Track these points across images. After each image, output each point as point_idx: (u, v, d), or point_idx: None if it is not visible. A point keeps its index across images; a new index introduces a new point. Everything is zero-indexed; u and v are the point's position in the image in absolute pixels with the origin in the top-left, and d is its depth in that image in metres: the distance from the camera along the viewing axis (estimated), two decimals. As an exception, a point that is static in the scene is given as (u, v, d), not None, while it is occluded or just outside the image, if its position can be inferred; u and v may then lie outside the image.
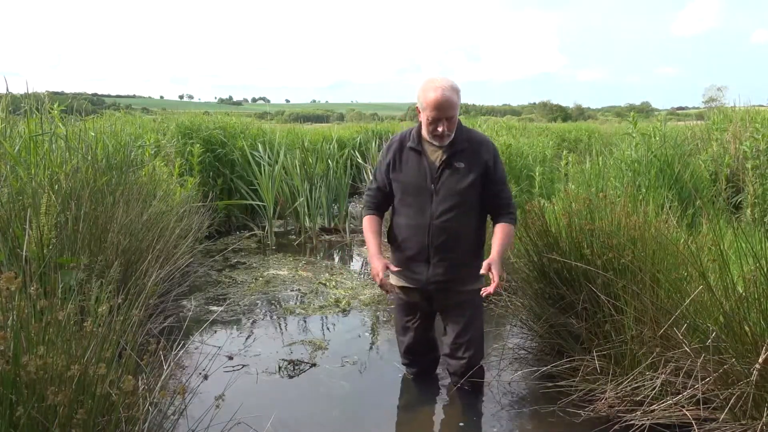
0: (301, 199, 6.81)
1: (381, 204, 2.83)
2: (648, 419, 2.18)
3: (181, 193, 5.14)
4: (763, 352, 1.92)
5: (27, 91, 3.83)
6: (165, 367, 1.99)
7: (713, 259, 2.27)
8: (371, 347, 3.43)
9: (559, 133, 13.94)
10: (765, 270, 2.03)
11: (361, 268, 5.33)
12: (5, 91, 3.74)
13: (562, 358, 2.68)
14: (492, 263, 2.46)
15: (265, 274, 5.01)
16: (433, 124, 2.54)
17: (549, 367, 2.67)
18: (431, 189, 2.59)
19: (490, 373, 2.85)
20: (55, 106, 4.39)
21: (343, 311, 4.05)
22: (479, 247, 2.71)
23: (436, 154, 2.62)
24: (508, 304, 3.37)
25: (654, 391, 2.23)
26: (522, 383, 2.86)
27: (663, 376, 2.21)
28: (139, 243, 3.32)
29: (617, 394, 2.39)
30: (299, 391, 2.85)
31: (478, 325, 2.71)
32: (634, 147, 5.16)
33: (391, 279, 2.84)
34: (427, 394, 2.85)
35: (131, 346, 1.83)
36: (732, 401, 1.99)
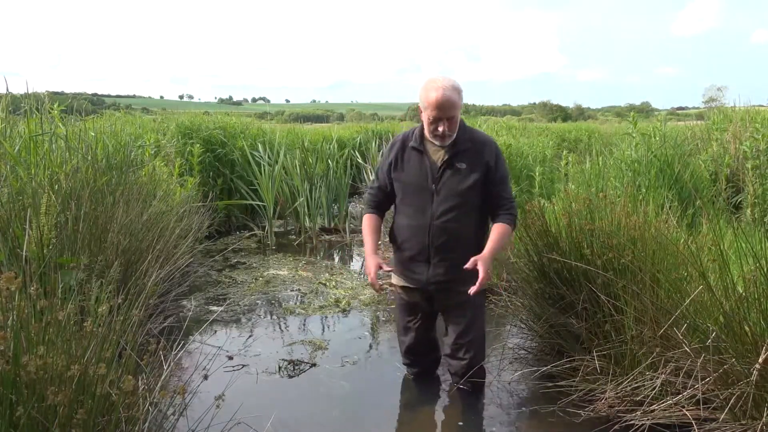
0: (301, 199, 6.81)
1: (381, 203, 2.83)
2: (648, 419, 2.18)
3: (181, 193, 5.14)
4: (763, 352, 1.92)
5: (27, 91, 3.83)
6: (165, 367, 1.99)
7: (713, 259, 2.27)
8: (371, 347, 3.43)
9: (559, 133, 13.93)
10: (765, 270, 2.03)
11: (361, 268, 5.32)
12: (5, 91, 3.74)
13: (562, 358, 2.68)
14: (480, 259, 2.45)
15: (265, 274, 5.01)
16: (434, 123, 2.53)
17: (549, 367, 2.67)
18: (432, 189, 2.58)
19: (490, 373, 2.85)
20: (55, 106, 4.39)
21: (343, 311, 4.05)
22: (480, 248, 2.67)
23: (438, 154, 2.61)
24: (508, 304, 3.37)
25: (654, 391, 2.23)
26: (522, 383, 2.86)
27: (663, 376, 2.20)
28: (139, 243, 3.32)
29: (617, 394, 2.39)
30: (299, 391, 2.85)
31: (479, 326, 2.71)
32: (634, 147, 5.15)
33: (393, 279, 2.84)
34: (428, 394, 2.85)
35: (131, 346, 1.83)
36: (732, 401, 1.99)
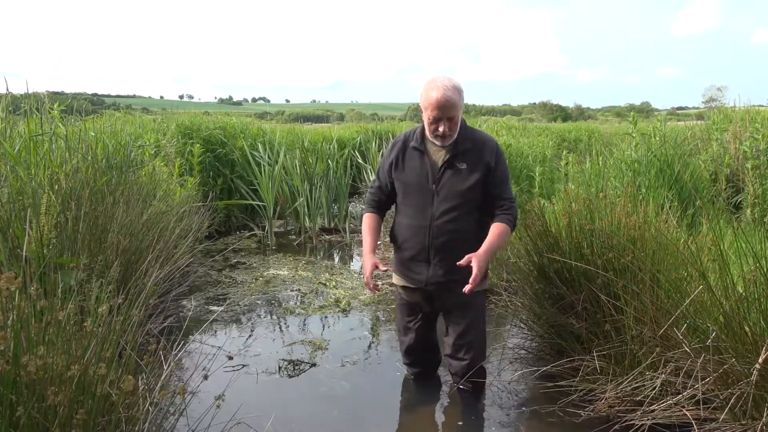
0: (301, 199, 6.81)
1: (381, 203, 2.83)
2: (648, 419, 2.18)
3: (181, 193, 5.14)
4: (763, 352, 1.92)
5: (27, 91, 3.83)
6: (165, 367, 1.99)
7: (713, 259, 2.27)
8: (371, 347, 3.43)
9: (559, 133, 13.94)
10: (765, 270, 2.03)
11: (361, 268, 5.33)
12: (5, 91, 3.75)
13: (562, 358, 2.68)
14: (474, 257, 2.43)
15: (265, 274, 5.01)
16: (435, 123, 2.53)
17: (549, 367, 2.67)
18: (432, 189, 2.58)
19: (490, 374, 2.85)
20: (55, 106, 4.39)
21: (343, 311, 4.05)
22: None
23: (438, 154, 2.61)
24: (508, 304, 3.37)
25: (654, 391, 2.23)
26: (522, 383, 2.86)
27: (663, 376, 2.20)
28: (139, 243, 3.32)
29: (617, 394, 2.39)
30: (299, 391, 2.85)
31: (480, 327, 2.70)
32: (634, 147, 5.16)
33: (393, 278, 2.85)
34: (428, 394, 2.85)
35: (131, 346, 1.83)
36: (732, 401, 1.99)
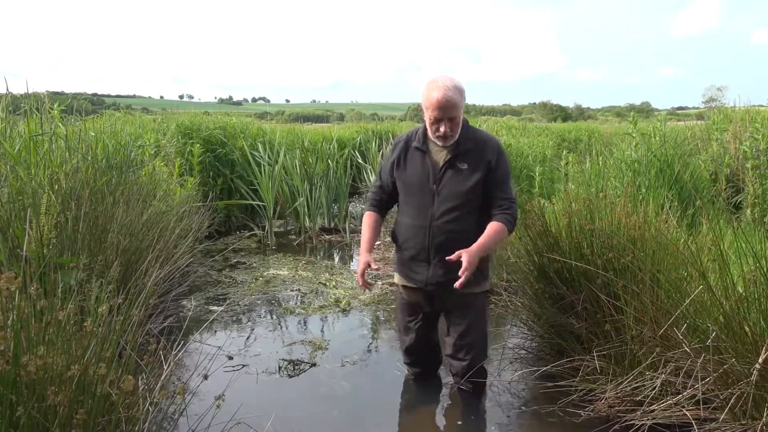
0: (301, 199, 6.81)
1: (382, 202, 2.83)
2: (648, 419, 2.18)
3: (181, 193, 5.14)
4: (763, 352, 1.92)
5: (27, 91, 3.83)
6: (165, 367, 1.99)
7: (713, 259, 2.27)
8: (371, 347, 3.43)
9: (559, 133, 13.94)
10: (765, 270, 2.03)
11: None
12: (5, 91, 3.75)
13: (562, 358, 2.68)
14: (465, 252, 2.40)
15: (265, 274, 5.01)
16: (436, 124, 2.53)
17: (549, 367, 2.67)
18: (433, 189, 2.57)
19: (490, 374, 2.85)
20: (55, 106, 4.39)
21: (343, 311, 4.05)
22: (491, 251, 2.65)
23: (440, 154, 2.60)
24: (508, 304, 3.37)
25: (654, 391, 2.23)
26: (522, 383, 2.86)
27: (663, 376, 2.20)
28: (139, 243, 3.32)
29: (617, 394, 2.39)
30: (299, 391, 2.85)
31: (481, 329, 2.69)
32: (634, 147, 5.16)
33: (395, 278, 2.86)
34: (428, 394, 2.85)
35: (131, 346, 1.83)
36: (732, 401, 1.99)
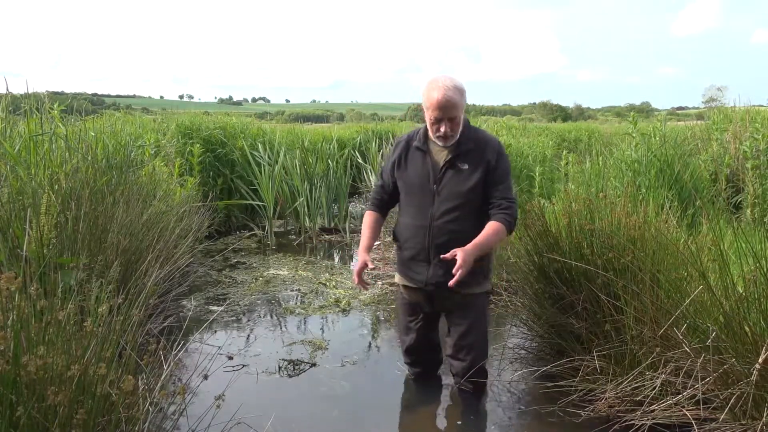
0: (301, 199, 6.81)
1: (383, 202, 2.83)
2: (648, 419, 2.18)
3: (181, 193, 5.14)
4: (763, 352, 1.92)
5: (27, 91, 3.83)
6: (165, 367, 1.99)
7: (713, 259, 2.27)
8: (371, 347, 3.43)
9: (559, 133, 13.94)
10: (765, 270, 2.03)
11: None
12: (5, 91, 3.75)
13: (562, 358, 2.68)
14: (460, 250, 2.38)
15: (265, 274, 5.01)
16: (436, 124, 2.53)
17: (549, 367, 2.67)
18: (433, 189, 2.57)
19: (490, 374, 2.85)
20: (55, 106, 4.39)
21: (343, 311, 4.05)
22: (488, 251, 2.62)
23: (441, 154, 2.60)
24: (508, 304, 3.37)
25: (654, 391, 2.23)
26: (522, 383, 2.86)
27: (663, 376, 2.20)
28: (139, 243, 3.32)
29: (617, 394, 2.39)
30: (299, 391, 2.85)
31: (481, 329, 2.68)
32: (634, 147, 5.16)
33: (396, 278, 2.86)
34: (428, 394, 2.85)
35: (131, 346, 1.83)
36: (732, 401, 1.99)
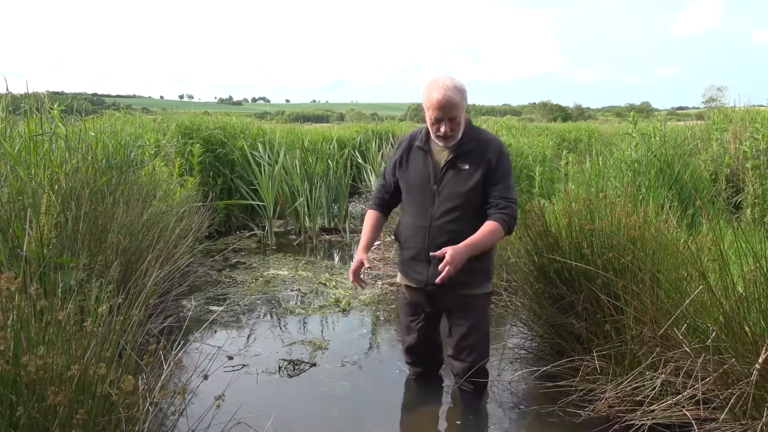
0: (301, 199, 6.81)
1: (385, 201, 2.84)
2: (648, 419, 2.18)
3: (181, 193, 5.14)
4: (763, 352, 1.92)
5: (27, 91, 3.83)
6: (165, 367, 1.99)
7: (713, 259, 2.27)
8: (371, 347, 3.43)
9: (559, 133, 13.94)
10: (765, 270, 2.03)
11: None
12: (5, 91, 3.75)
13: (562, 358, 2.68)
14: (450, 248, 2.36)
15: (265, 274, 5.01)
16: (436, 123, 2.52)
17: (549, 367, 2.67)
18: (434, 189, 2.57)
19: (490, 374, 2.85)
20: (55, 106, 4.39)
21: (343, 311, 4.05)
22: (482, 251, 2.60)
23: (442, 154, 2.59)
24: (508, 304, 3.37)
25: (654, 391, 2.23)
26: (522, 383, 2.86)
27: (663, 376, 2.20)
28: (139, 243, 3.32)
29: (617, 394, 2.39)
30: (299, 391, 2.85)
31: (482, 330, 2.67)
32: (634, 147, 5.16)
33: (397, 277, 2.86)
34: (428, 394, 2.85)
35: (131, 346, 1.83)
36: (732, 401, 1.99)
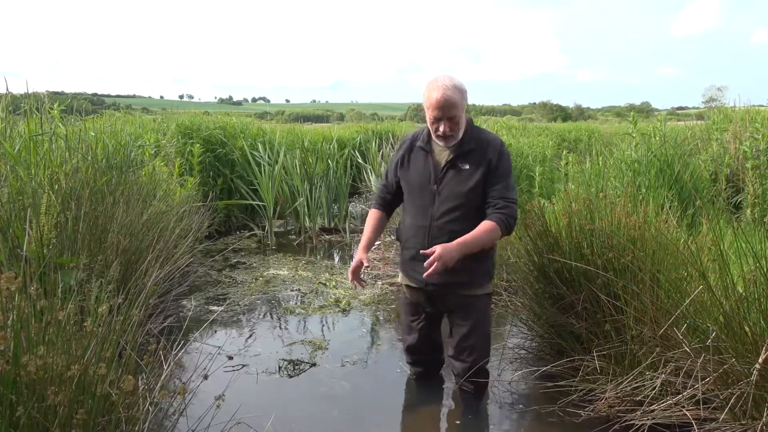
0: (301, 199, 6.81)
1: (386, 201, 2.84)
2: (648, 419, 2.18)
3: (181, 193, 5.14)
4: (763, 352, 1.92)
5: (27, 91, 3.83)
6: (165, 367, 1.99)
7: (713, 259, 2.27)
8: (371, 347, 3.43)
9: (559, 133, 13.94)
10: (765, 270, 2.03)
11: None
12: (5, 91, 3.75)
13: (562, 358, 2.68)
14: (439, 246, 2.36)
15: (265, 274, 5.01)
16: (436, 123, 2.52)
17: (549, 367, 2.67)
18: (434, 189, 2.57)
19: (491, 374, 2.85)
20: (55, 106, 4.39)
21: (343, 311, 4.05)
22: (482, 251, 2.57)
23: (443, 154, 2.59)
24: (508, 304, 3.37)
25: (654, 391, 2.23)
26: (522, 383, 2.86)
27: (663, 376, 2.20)
28: (139, 243, 3.32)
29: (617, 394, 2.39)
30: (299, 391, 2.85)
31: (483, 331, 2.67)
32: (634, 147, 5.16)
33: (399, 277, 2.87)
34: (428, 394, 2.85)
35: (131, 346, 1.83)
36: (732, 401, 1.99)
